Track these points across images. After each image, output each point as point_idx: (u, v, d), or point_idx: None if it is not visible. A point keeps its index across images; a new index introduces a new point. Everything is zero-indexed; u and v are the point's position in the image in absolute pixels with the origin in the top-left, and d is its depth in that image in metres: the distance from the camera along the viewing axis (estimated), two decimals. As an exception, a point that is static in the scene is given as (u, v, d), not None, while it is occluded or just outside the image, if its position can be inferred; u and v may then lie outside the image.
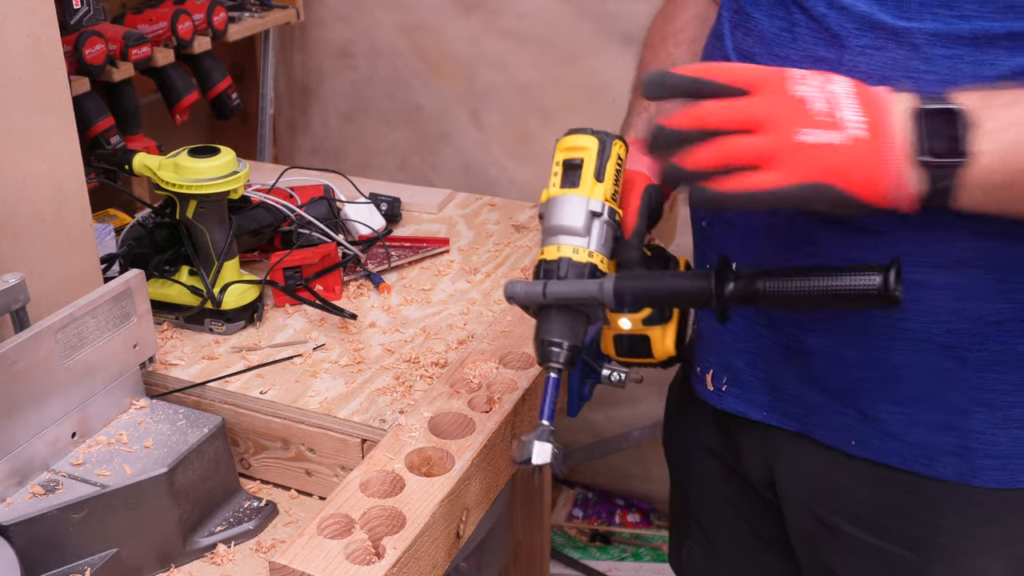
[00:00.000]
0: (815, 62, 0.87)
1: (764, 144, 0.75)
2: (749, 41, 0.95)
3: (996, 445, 0.92)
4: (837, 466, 1.00)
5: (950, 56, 0.82)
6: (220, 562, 1.02)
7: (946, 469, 0.94)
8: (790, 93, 0.77)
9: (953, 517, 0.96)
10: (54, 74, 1.06)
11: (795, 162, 0.75)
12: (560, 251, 0.91)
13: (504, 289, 0.90)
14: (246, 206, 1.39)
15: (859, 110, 0.76)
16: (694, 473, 1.25)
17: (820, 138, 0.75)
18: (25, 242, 1.06)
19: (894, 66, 0.84)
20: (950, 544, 0.97)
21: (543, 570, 1.72)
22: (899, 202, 0.76)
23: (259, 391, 1.13)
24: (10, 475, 0.96)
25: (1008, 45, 0.81)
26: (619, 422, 2.24)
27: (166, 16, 1.74)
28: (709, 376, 1.07)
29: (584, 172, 0.92)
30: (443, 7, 2.03)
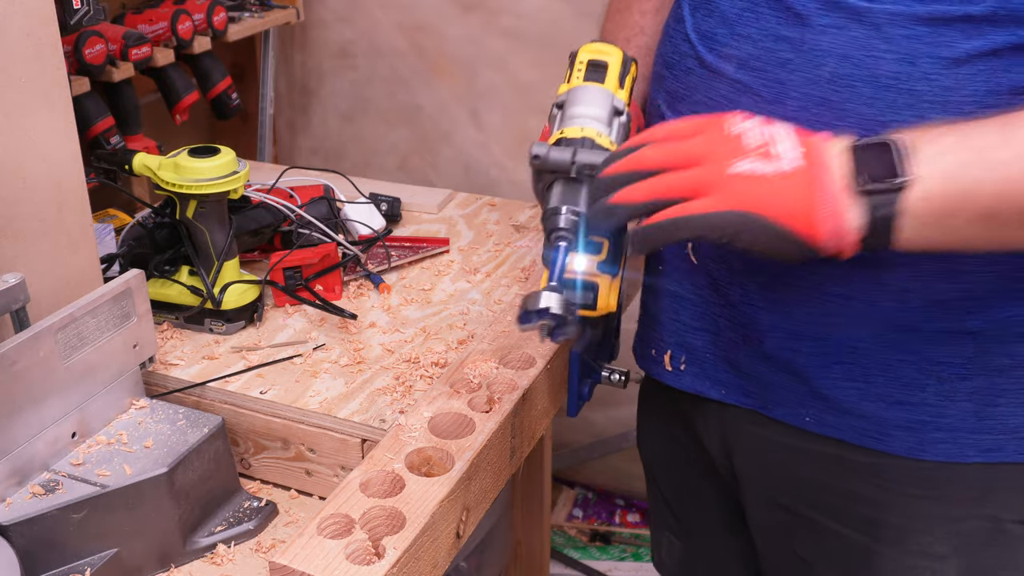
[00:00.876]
0: (777, 40, 0.90)
1: (696, 176, 0.76)
2: (710, 22, 0.96)
3: (945, 418, 0.94)
4: (792, 448, 1.01)
5: (908, 36, 0.84)
6: (220, 562, 1.02)
7: (896, 443, 0.95)
8: (726, 132, 0.79)
9: (899, 496, 0.98)
10: (54, 74, 1.06)
11: (725, 190, 0.75)
12: (584, 132, 0.89)
13: (530, 149, 0.87)
14: (246, 206, 1.39)
15: (796, 144, 0.77)
16: (664, 464, 1.27)
17: (752, 168, 0.76)
18: (25, 242, 1.06)
19: (855, 45, 0.86)
20: (899, 523, 0.99)
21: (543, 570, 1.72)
22: (838, 237, 0.76)
23: (259, 391, 1.13)
24: (10, 475, 0.96)
25: (964, 27, 0.82)
26: (619, 422, 2.24)
27: (166, 16, 1.74)
28: (667, 357, 1.09)
29: (610, 73, 0.94)
30: (443, 7, 2.03)
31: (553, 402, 1.17)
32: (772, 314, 0.97)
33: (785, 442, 1.02)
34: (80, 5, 1.45)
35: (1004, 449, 0.94)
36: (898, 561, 1.00)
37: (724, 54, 0.95)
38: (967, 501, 0.97)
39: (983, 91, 0.83)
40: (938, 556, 0.99)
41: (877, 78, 0.86)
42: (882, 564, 1.01)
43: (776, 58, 0.91)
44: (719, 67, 0.95)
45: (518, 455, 1.09)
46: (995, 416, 0.93)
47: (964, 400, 0.93)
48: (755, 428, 1.04)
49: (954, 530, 0.98)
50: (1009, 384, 0.92)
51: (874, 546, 1.01)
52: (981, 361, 0.92)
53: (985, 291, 0.89)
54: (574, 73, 0.97)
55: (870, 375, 0.94)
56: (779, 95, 0.91)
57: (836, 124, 0.87)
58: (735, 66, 0.94)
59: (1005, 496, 0.97)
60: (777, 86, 0.91)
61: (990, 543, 0.99)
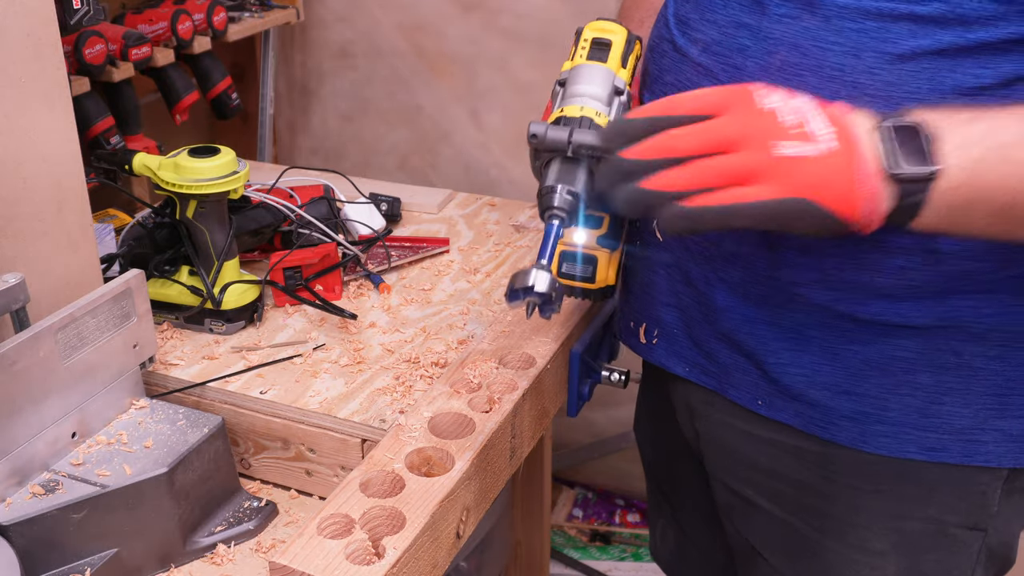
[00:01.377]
0: (738, 27, 0.92)
1: (744, 161, 0.73)
2: (687, 7, 0.99)
3: (889, 411, 0.94)
4: (747, 433, 1.03)
5: (856, 30, 0.85)
6: (220, 562, 1.02)
7: (841, 433, 0.96)
8: (758, 107, 0.75)
9: (845, 488, 0.99)
10: (54, 74, 1.06)
11: (778, 176, 0.73)
12: (583, 111, 0.90)
13: (528, 127, 0.87)
14: (246, 206, 1.39)
15: (827, 122, 0.74)
16: (655, 451, 1.30)
17: (797, 150, 0.73)
18: (25, 242, 1.06)
19: (805, 35, 0.87)
20: (841, 516, 1.00)
21: (543, 570, 1.72)
22: (870, 219, 0.75)
23: (259, 391, 1.13)
24: (10, 475, 0.96)
25: (911, 26, 0.83)
26: (619, 422, 2.24)
27: (166, 16, 1.74)
28: (642, 330, 1.10)
29: (612, 52, 0.95)
30: (443, 7, 2.03)
31: (553, 402, 1.17)
32: (728, 295, 0.98)
33: (741, 426, 1.03)
34: (80, 5, 1.45)
35: (948, 450, 0.94)
36: (840, 554, 1.02)
37: (693, 38, 0.96)
38: (910, 500, 0.98)
39: (926, 89, 0.83)
40: (877, 552, 1.00)
41: (822, 68, 0.87)
42: (825, 556, 1.03)
43: (735, 44, 0.92)
44: (687, 50, 0.97)
45: (518, 455, 1.09)
46: (940, 415, 0.93)
47: (908, 395, 0.93)
48: (714, 410, 1.06)
49: (895, 527, 0.99)
50: (955, 383, 0.92)
51: (818, 537, 1.02)
52: (926, 357, 0.92)
53: (930, 287, 0.89)
54: (578, 51, 0.97)
55: (817, 362, 0.95)
56: (734, 79, 0.91)
57: None
58: (699, 50, 0.95)
59: (950, 499, 0.97)
60: (733, 71, 0.92)
61: (933, 546, 0.99)
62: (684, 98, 0.78)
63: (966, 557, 1.00)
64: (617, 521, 2.33)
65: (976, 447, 0.94)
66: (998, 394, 0.93)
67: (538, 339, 1.15)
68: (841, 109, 0.76)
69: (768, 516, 1.06)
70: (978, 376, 0.92)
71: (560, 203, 0.86)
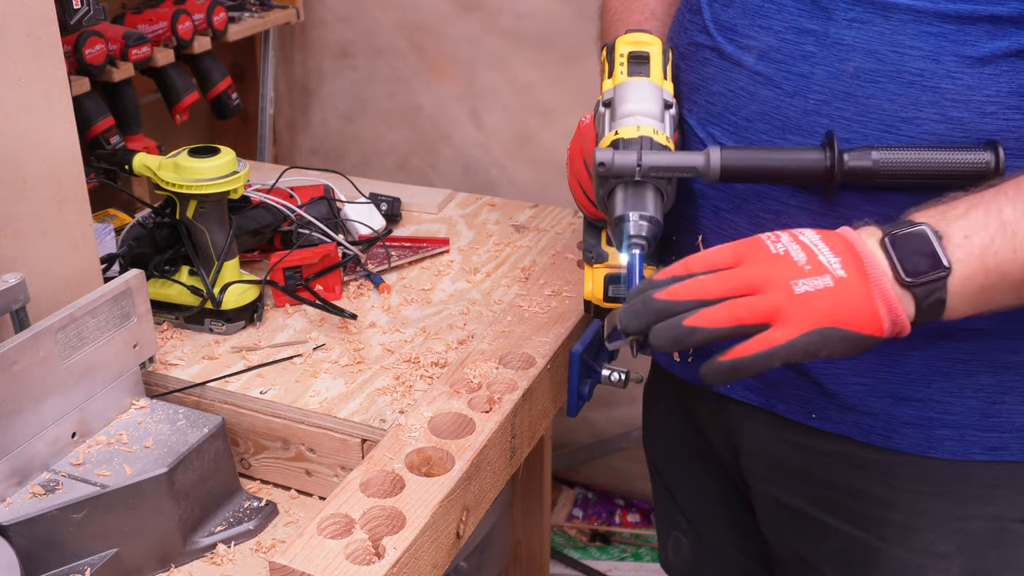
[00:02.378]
0: (800, 33, 0.90)
1: (768, 301, 0.76)
2: (729, 13, 0.96)
3: (952, 415, 0.94)
4: (797, 446, 1.01)
5: (934, 34, 0.84)
6: (220, 562, 1.02)
7: (904, 441, 0.96)
8: (772, 252, 0.78)
9: (906, 493, 0.98)
10: (54, 74, 1.06)
11: (800, 313, 0.76)
12: (640, 130, 0.87)
13: (594, 155, 0.85)
14: (246, 206, 1.39)
15: (831, 252, 0.78)
16: (672, 462, 1.27)
17: (815, 285, 0.76)
18: (25, 242, 1.06)
19: (880, 40, 0.86)
20: (903, 521, 0.99)
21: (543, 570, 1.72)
22: (897, 328, 0.78)
23: (259, 391, 1.13)
24: (10, 475, 0.96)
25: (990, 28, 0.83)
26: (619, 422, 2.24)
27: (166, 16, 1.73)
28: None
29: (653, 64, 0.93)
30: (443, 7, 2.03)
31: (553, 402, 1.17)
32: None
33: (790, 439, 1.02)
34: (80, 5, 1.45)
35: (1009, 448, 0.94)
36: (902, 560, 1.00)
37: (744, 45, 0.94)
38: (972, 500, 0.97)
39: (1006, 91, 0.84)
40: (942, 555, 0.99)
41: (901, 74, 0.86)
42: (886, 563, 1.01)
43: (799, 51, 0.90)
44: (739, 58, 0.95)
45: (518, 455, 1.09)
46: (1001, 414, 0.93)
47: (971, 397, 0.93)
48: (760, 425, 1.04)
49: (958, 528, 0.98)
50: (1015, 382, 0.93)
51: (879, 545, 1.01)
52: (987, 357, 0.92)
53: None
54: (616, 68, 0.95)
55: (877, 371, 0.94)
56: (800, 88, 0.90)
57: (858, 119, 0.87)
58: (755, 57, 0.93)
59: (1010, 495, 0.97)
60: (799, 79, 0.90)
61: (994, 543, 0.99)
62: (700, 257, 0.80)
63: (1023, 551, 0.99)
64: (617, 521, 2.33)
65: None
66: None
67: (538, 339, 1.15)
68: (845, 234, 0.79)
69: (824, 527, 1.03)
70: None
71: (638, 230, 0.85)
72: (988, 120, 0.85)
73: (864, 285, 0.77)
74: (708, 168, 0.86)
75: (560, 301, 1.25)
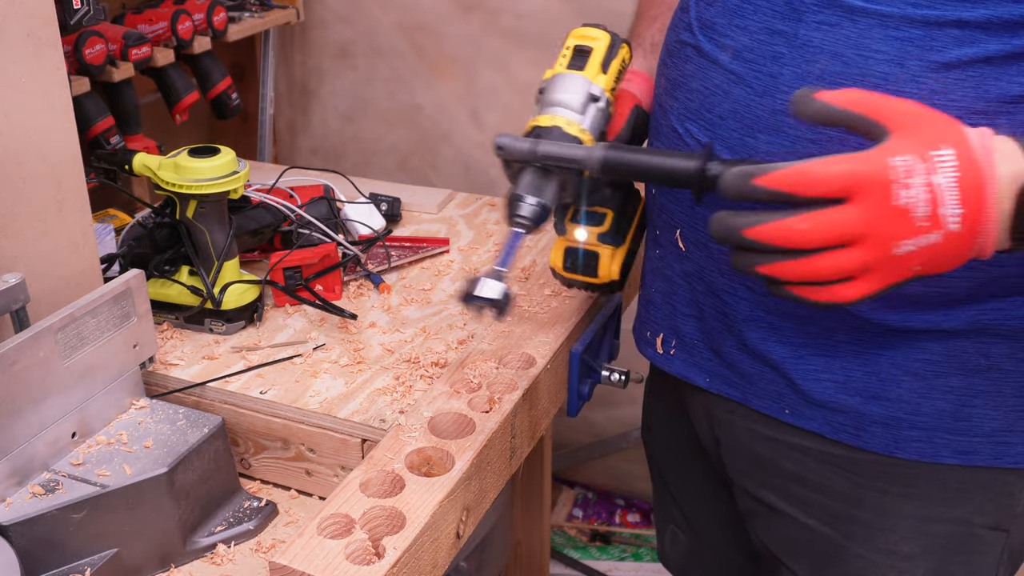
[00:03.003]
0: (771, 34, 0.90)
1: (859, 260, 0.75)
2: (711, 11, 0.97)
3: (921, 416, 0.94)
4: (771, 440, 1.02)
5: (900, 38, 0.84)
6: (220, 562, 1.02)
7: (872, 440, 0.96)
8: (894, 203, 0.74)
9: (872, 492, 0.98)
10: (54, 74, 1.06)
11: (889, 271, 0.76)
12: (554, 120, 0.96)
13: (495, 140, 0.94)
14: (246, 206, 1.39)
15: (958, 202, 0.74)
16: (668, 456, 1.29)
17: (920, 243, 0.74)
18: (25, 242, 1.06)
19: (847, 43, 0.86)
20: (868, 520, 0.99)
21: (543, 570, 1.72)
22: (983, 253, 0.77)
23: (259, 391, 1.13)
24: (10, 475, 0.96)
25: (957, 34, 0.82)
26: (619, 422, 2.24)
27: (166, 16, 1.74)
28: (659, 340, 1.10)
29: (592, 59, 0.98)
30: (443, 7, 2.03)
31: (553, 402, 1.17)
32: (752, 306, 0.97)
33: (765, 433, 1.03)
34: (80, 5, 1.45)
35: (980, 452, 0.94)
36: (866, 559, 1.01)
37: (721, 44, 0.95)
38: (939, 502, 0.97)
39: (972, 96, 0.83)
40: (906, 556, 0.99)
41: (866, 77, 0.85)
42: (851, 561, 1.02)
43: (770, 51, 0.91)
44: (715, 56, 0.96)
45: (518, 455, 1.09)
46: (971, 418, 0.93)
47: (939, 399, 0.93)
48: (737, 418, 1.05)
49: (924, 531, 0.98)
50: (985, 385, 0.92)
51: (845, 542, 1.02)
52: (957, 360, 0.92)
53: (962, 294, 0.89)
54: (559, 59, 1.00)
55: (848, 368, 0.95)
56: (770, 88, 0.91)
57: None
58: (730, 56, 0.94)
59: (979, 500, 0.97)
60: (768, 79, 0.91)
61: (961, 548, 0.99)
62: (815, 174, 0.76)
63: (991, 558, 0.99)
64: (617, 521, 2.33)
65: (1006, 449, 0.94)
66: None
67: (538, 339, 1.15)
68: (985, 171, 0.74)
69: (792, 522, 1.05)
70: (1008, 378, 0.92)
71: (526, 212, 0.92)
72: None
73: (971, 239, 0.74)
74: (590, 159, 0.92)
75: (560, 301, 1.25)
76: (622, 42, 1.02)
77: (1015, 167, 0.74)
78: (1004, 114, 0.82)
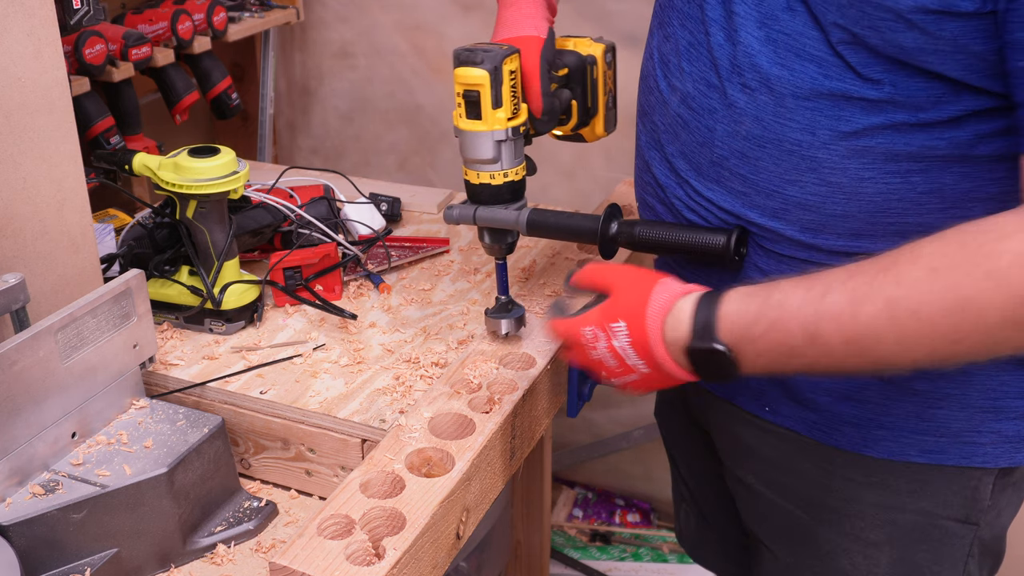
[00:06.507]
0: (708, 87, 0.96)
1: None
2: (667, 47, 1.02)
3: (889, 416, 0.97)
4: (754, 427, 1.07)
5: (811, 109, 0.88)
6: (220, 562, 1.02)
7: (843, 439, 1.00)
8: (591, 356, 0.92)
9: (840, 479, 1.02)
10: (54, 74, 1.06)
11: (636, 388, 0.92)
12: (480, 177, 1.09)
13: (443, 215, 1.14)
14: (246, 206, 1.39)
15: (638, 356, 0.88)
16: (674, 436, 1.34)
17: (625, 380, 0.91)
18: (25, 242, 1.06)
19: (764, 109, 0.91)
20: (836, 506, 1.03)
21: (543, 570, 1.72)
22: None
23: (259, 391, 1.13)
24: (10, 475, 0.96)
25: (864, 105, 0.86)
26: (619, 422, 2.24)
27: (166, 16, 1.74)
28: None
29: (483, 105, 1.04)
30: (443, 7, 2.03)
31: (553, 402, 1.17)
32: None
33: (747, 419, 1.07)
34: (80, 5, 1.45)
35: (947, 452, 0.97)
36: (835, 543, 1.05)
37: (672, 84, 1.01)
38: (903, 493, 1.00)
39: (883, 157, 0.87)
40: (872, 543, 1.03)
41: (783, 143, 0.90)
42: (820, 545, 1.06)
43: (706, 104, 0.96)
44: (667, 97, 1.01)
45: (518, 455, 1.09)
46: (936, 419, 0.96)
47: (907, 401, 0.96)
48: (723, 412, 1.11)
49: (889, 519, 1.01)
50: (951, 389, 0.95)
51: (814, 526, 1.06)
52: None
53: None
54: (456, 106, 1.06)
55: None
56: (707, 139, 0.96)
57: (751, 177, 0.93)
58: (678, 100, 1.00)
59: (943, 493, 0.99)
60: (706, 131, 0.96)
61: (924, 538, 1.01)
62: (556, 327, 0.95)
63: (958, 550, 1.02)
64: (617, 521, 2.33)
65: (974, 449, 0.97)
66: (993, 398, 0.95)
67: (538, 339, 1.15)
68: (652, 336, 0.87)
69: (771, 505, 1.09)
70: (973, 381, 0.95)
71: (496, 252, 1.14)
72: (867, 184, 0.88)
73: (664, 375, 0.88)
74: (517, 224, 1.10)
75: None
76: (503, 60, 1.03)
77: (676, 334, 0.85)
78: (918, 172, 0.86)
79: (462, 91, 1.04)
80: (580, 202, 1.85)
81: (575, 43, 1.18)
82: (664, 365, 0.87)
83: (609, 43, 1.18)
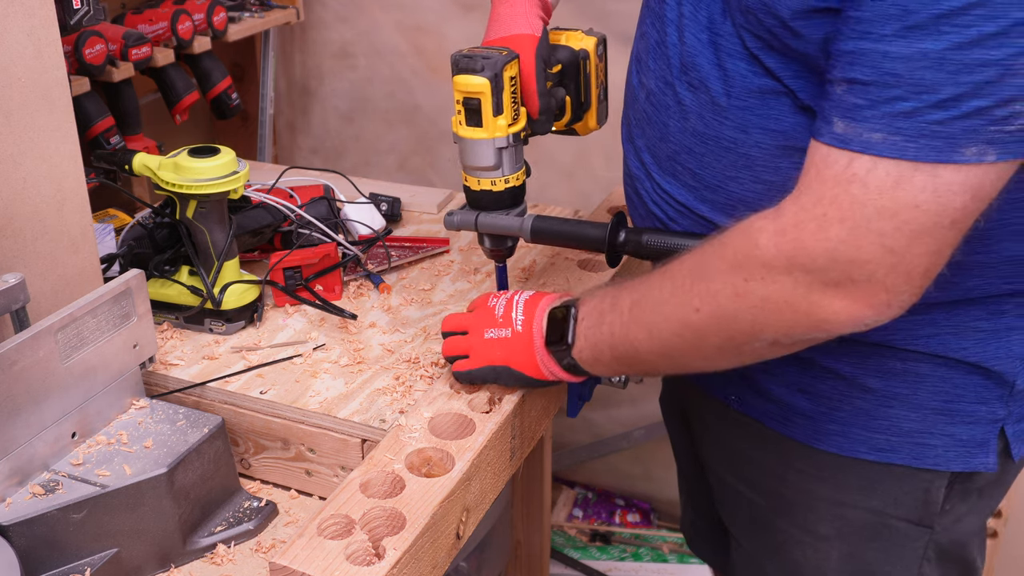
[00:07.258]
0: (666, 85, 0.98)
1: (467, 342, 1.05)
2: (641, 44, 1.05)
3: (840, 412, 0.99)
4: (722, 417, 1.10)
5: (742, 108, 0.91)
6: (220, 562, 1.02)
7: (797, 431, 1.02)
8: (488, 305, 1.05)
9: (794, 472, 1.05)
10: (54, 74, 1.06)
11: (481, 352, 1.03)
12: (480, 184, 1.08)
13: (444, 221, 1.14)
14: (246, 206, 1.39)
15: (522, 312, 1.01)
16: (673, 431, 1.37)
17: (495, 334, 1.02)
18: (25, 242, 1.06)
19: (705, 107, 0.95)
20: (790, 497, 1.06)
21: (543, 570, 1.72)
22: (555, 376, 1.00)
23: (259, 391, 1.13)
24: (10, 475, 0.96)
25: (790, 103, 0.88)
26: (619, 422, 2.24)
27: (166, 16, 1.74)
28: None
29: (484, 113, 1.04)
30: (443, 7, 2.03)
31: (553, 402, 1.17)
32: None
33: (718, 408, 1.10)
34: (80, 5, 1.45)
35: (898, 451, 0.98)
36: (789, 534, 1.07)
37: (641, 81, 1.03)
38: (853, 490, 1.01)
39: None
40: (822, 537, 1.04)
41: (720, 140, 0.92)
42: (776, 534, 1.08)
43: (664, 101, 0.98)
44: (637, 92, 1.04)
45: (518, 456, 1.09)
46: (888, 418, 0.97)
47: (858, 398, 0.97)
48: (697, 399, 1.14)
49: (839, 515, 1.03)
50: (903, 389, 0.96)
51: (772, 516, 1.08)
52: (876, 363, 0.96)
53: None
54: (455, 113, 1.06)
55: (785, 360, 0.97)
56: (664, 135, 0.99)
57: (699, 172, 0.96)
58: (645, 96, 1.02)
59: (893, 493, 1.00)
60: (663, 127, 0.99)
61: (874, 536, 1.02)
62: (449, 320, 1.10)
63: (910, 552, 1.02)
64: (617, 521, 2.33)
65: (925, 451, 0.97)
66: (945, 400, 0.96)
67: (538, 339, 1.15)
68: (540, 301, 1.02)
69: (736, 493, 1.12)
70: (924, 382, 0.96)
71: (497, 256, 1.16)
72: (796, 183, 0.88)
73: (528, 342, 1.00)
74: (521, 231, 1.10)
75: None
76: (503, 67, 1.02)
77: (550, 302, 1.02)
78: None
79: (462, 98, 1.03)
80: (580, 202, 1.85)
81: (567, 37, 1.17)
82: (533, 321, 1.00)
83: (600, 35, 1.17)
